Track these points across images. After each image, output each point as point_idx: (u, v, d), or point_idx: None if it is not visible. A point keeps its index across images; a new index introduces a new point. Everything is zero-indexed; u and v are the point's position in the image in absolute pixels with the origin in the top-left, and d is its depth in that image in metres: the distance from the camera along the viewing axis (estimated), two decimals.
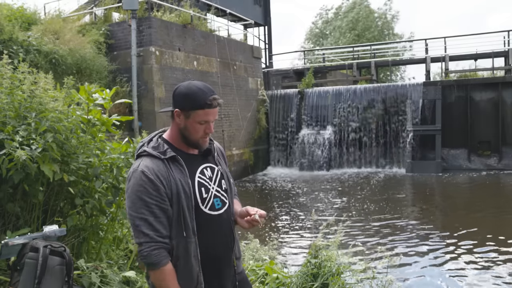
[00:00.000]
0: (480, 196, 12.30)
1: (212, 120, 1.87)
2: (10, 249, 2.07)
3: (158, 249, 1.75)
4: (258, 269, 3.84)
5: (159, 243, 1.75)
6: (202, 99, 1.82)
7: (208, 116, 1.84)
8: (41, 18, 12.57)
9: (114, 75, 12.40)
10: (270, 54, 23.70)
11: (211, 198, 1.90)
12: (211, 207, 1.89)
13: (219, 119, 15.37)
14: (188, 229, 1.80)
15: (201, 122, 1.84)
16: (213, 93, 1.87)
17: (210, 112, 1.84)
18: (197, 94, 1.83)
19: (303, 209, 10.95)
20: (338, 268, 3.46)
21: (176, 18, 13.96)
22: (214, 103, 1.84)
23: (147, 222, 1.74)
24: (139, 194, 1.75)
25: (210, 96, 1.84)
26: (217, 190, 1.94)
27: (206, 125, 1.86)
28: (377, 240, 8.00)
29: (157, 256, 1.74)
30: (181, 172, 1.84)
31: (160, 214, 1.76)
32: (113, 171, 3.34)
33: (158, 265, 1.74)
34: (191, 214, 1.81)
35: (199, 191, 1.86)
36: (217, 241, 1.90)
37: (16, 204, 3.00)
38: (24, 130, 2.88)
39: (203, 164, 1.95)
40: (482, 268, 6.46)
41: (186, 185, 1.82)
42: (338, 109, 17.75)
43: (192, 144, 1.90)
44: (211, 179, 1.93)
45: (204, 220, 1.86)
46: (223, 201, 1.94)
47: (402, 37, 35.19)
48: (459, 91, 16.49)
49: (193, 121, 1.84)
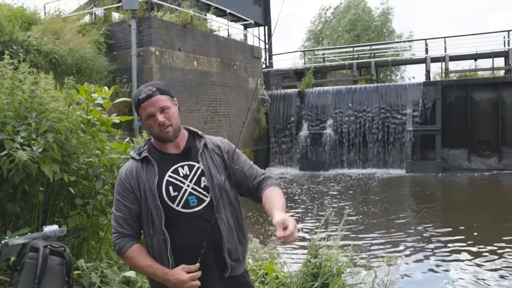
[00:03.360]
0: (480, 196, 12.30)
1: (154, 111, 1.87)
2: (10, 249, 2.07)
3: (121, 238, 1.90)
4: (258, 269, 3.84)
5: (121, 233, 1.90)
6: (136, 98, 1.91)
7: (148, 109, 1.88)
8: (41, 18, 12.57)
9: (114, 75, 12.39)
10: (270, 54, 23.70)
11: (184, 195, 1.88)
12: (184, 205, 1.87)
13: (218, 119, 15.47)
14: (155, 226, 1.86)
15: (147, 118, 1.90)
16: (147, 86, 1.92)
17: (146, 105, 1.88)
18: (134, 96, 1.95)
19: (303, 209, 10.95)
20: (339, 268, 3.45)
21: (176, 18, 13.96)
22: (144, 95, 1.88)
23: (114, 216, 1.93)
24: (114, 192, 1.97)
25: (141, 91, 1.90)
26: (194, 188, 1.89)
27: (154, 117, 1.89)
28: (378, 240, 8.00)
29: (119, 244, 1.90)
30: (152, 171, 1.91)
31: (124, 210, 1.91)
32: (113, 171, 3.34)
33: (121, 251, 1.89)
34: (158, 212, 1.85)
35: (166, 189, 1.87)
36: (193, 239, 1.84)
37: (16, 204, 3.00)
38: (24, 130, 2.88)
39: (180, 162, 1.94)
40: (482, 267, 6.46)
41: (152, 184, 1.87)
42: (338, 109, 17.75)
43: (160, 139, 1.94)
44: (187, 177, 1.91)
45: (176, 218, 1.86)
46: (200, 199, 1.88)
47: (401, 36, 35.22)
48: (459, 91, 16.49)
49: (143, 119, 1.92)
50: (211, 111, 15.06)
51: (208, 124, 14.83)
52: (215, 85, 15.34)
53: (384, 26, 34.34)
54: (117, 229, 1.91)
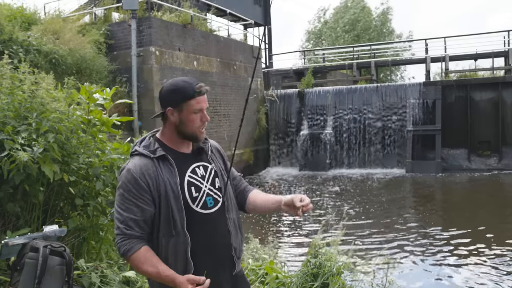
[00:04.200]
0: (480, 196, 12.30)
1: (204, 107, 1.89)
2: (10, 249, 2.07)
3: (127, 240, 1.77)
4: (258, 269, 3.84)
5: (127, 235, 1.77)
6: (191, 89, 1.86)
7: (201, 104, 1.88)
8: (41, 18, 12.57)
9: (114, 75, 12.39)
10: (270, 54, 23.70)
11: (203, 196, 1.89)
12: (203, 206, 1.88)
13: (218, 119, 15.46)
14: (177, 227, 1.80)
15: (195, 111, 1.87)
16: (198, 82, 1.91)
17: (201, 100, 1.88)
18: (184, 86, 1.87)
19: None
20: (338, 268, 3.46)
21: (176, 18, 13.96)
22: (203, 90, 1.88)
23: (121, 216, 1.78)
24: (121, 191, 1.80)
25: (197, 84, 1.88)
26: (210, 188, 1.92)
27: (201, 113, 1.89)
28: (378, 240, 8.01)
29: (126, 246, 1.77)
30: (170, 171, 1.84)
31: (136, 212, 1.78)
32: (113, 171, 3.34)
33: (128, 253, 1.77)
34: (180, 213, 1.81)
35: (189, 190, 1.86)
36: (211, 240, 1.88)
37: (16, 204, 3.00)
38: (25, 131, 2.88)
39: (196, 163, 1.94)
40: (482, 267, 6.46)
41: (174, 185, 1.82)
42: (338, 109, 17.75)
43: (190, 137, 1.91)
44: (204, 177, 1.92)
45: (196, 219, 1.85)
46: (216, 200, 1.93)
47: (401, 36, 35.21)
48: (459, 91, 16.49)
49: (188, 112, 1.86)
50: (211, 111, 15.04)
51: (208, 124, 14.62)
52: (215, 85, 15.33)
53: (384, 26, 34.35)
54: (124, 231, 1.77)
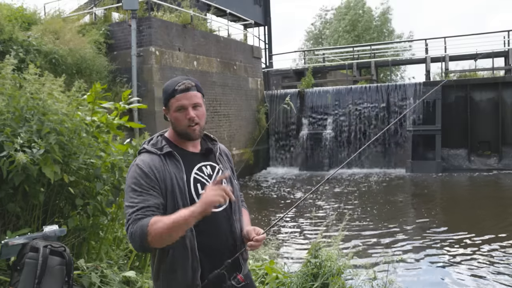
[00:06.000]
0: (480, 196, 12.30)
1: (187, 104, 1.86)
2: (10, 249, 2.07)
3: (137, 220, 1.69)
4: (258, 269, 3.84)
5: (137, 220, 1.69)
6: (171, 87, 1.86)
7: (181, 101, 1.85)
8: (41, 18, 12.57)
9: (114, 75, 12.40)
10: (270, 54, 23.71)
11: None
12: None
13: (218, 119, 15.46)
14: None
15: (178, 110, 1.86)
16: (186, 79, 1.89)
17: (181, 97, 1.85)
18: (168, 85, 1.89)
19: (303, 208, 10.95)
20: (339, 268, 3.45)
21: (176, 18, 13.96)
22: (182, 86, 1.86)
23: (132, 209, 1.73)
24: (131, 185, 1.78)
25: (179, 82, 1.87)
26: None
27: (185, 111, 1.86)
28: (378, 240, 8.01)
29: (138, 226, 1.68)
30: (177, 167, 1.84)
31: (148, 199, 1.73)
32: (114, 172, 3.34)
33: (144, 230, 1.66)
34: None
35: (195, 187, 1.86)
36: (214, 239, 1.87)
37: (16, 204, 3.00)
38: (25, 132, 2.87)
39: (203, 162, 1.95)
40: (482, 267, 6.46)
41: (180, 180, 1.82)
42: (338, 109, 17.76)
43: (182, 135, 1.90)
44: (211, 176, 1.93)
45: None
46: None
47: (401, 36, 35.22)
48: (459, 91, 16.49)
49: (172, 111, 1.87)
50: (211, 111, 15.05)
51: (208, 124, 14.74)
52: (215, 85, 15.33)
53: (384, 26, 34.36)
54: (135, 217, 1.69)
